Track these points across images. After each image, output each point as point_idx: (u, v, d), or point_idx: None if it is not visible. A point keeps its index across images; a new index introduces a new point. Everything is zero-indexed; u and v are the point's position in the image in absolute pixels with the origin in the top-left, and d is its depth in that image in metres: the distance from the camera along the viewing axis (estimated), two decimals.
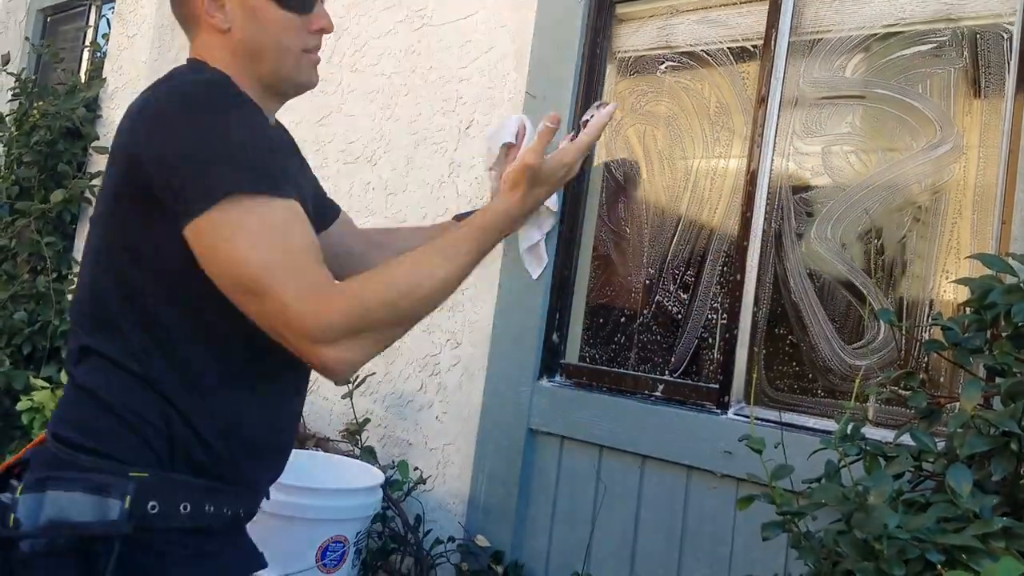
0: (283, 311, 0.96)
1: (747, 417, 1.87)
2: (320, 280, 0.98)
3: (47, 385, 2.65)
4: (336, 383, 1.09)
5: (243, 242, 0.96)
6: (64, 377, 2.51)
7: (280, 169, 1.04)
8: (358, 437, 2.52)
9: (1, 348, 3.44)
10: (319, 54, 1.19)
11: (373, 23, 2.88)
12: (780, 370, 1.90)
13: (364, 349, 1.00)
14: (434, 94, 2.67)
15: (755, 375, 1.88)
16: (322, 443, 2.68)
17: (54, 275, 3.56)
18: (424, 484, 2.39)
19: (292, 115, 3.10)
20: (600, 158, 2.31)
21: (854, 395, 1.53)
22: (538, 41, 2.38)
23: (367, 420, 2.57)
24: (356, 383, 2.56)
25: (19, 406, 2.58)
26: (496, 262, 2.37)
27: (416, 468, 2.42)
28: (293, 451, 1.25)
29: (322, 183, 1.41)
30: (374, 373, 2.63)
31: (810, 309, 1.88)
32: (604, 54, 2.31)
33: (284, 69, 1.16)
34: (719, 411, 1.93)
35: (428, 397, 2.53)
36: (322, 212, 1.34)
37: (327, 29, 1.20)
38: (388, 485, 2.25)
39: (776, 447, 1.50)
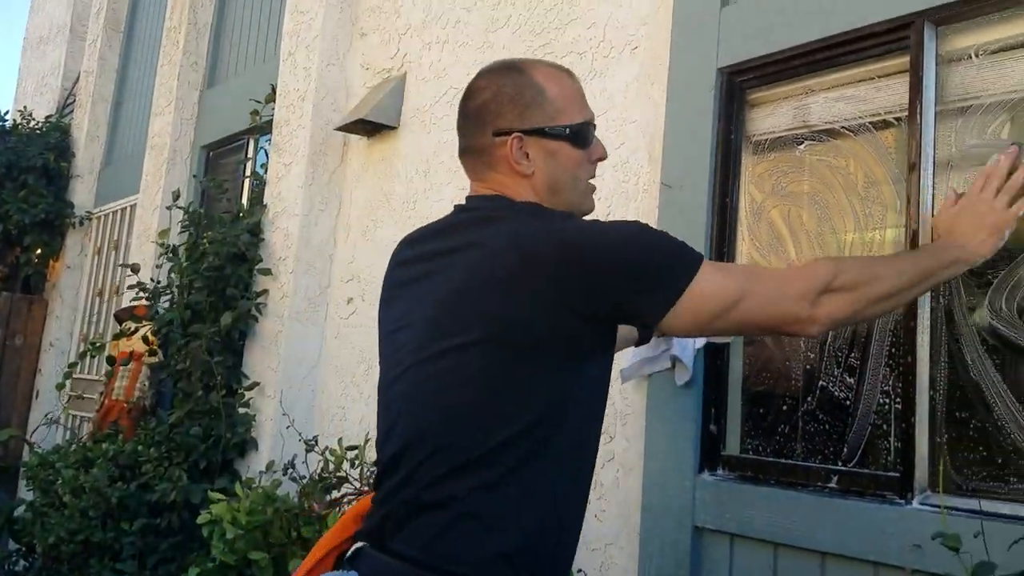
0: (768, 292, 1.26)
1: (934, 507, 1.74)
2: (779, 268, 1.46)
3: (223, 498, 2.79)
4: (818, 334, 1.42)
5: (717, 281, 1.26)
6: (245, 491, 2.60)
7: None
8: None
9: (179, 463, 3.67)
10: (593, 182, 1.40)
11: None
12: (965, 456, 1.77)
13: (840, 305, 1.26)
14: None
15: (941, 463, 1.75)
16: None
17: (224, 391, 3.79)
18: None
19: None
20: (743, 241, 2.28)
21: None
22: (670, 133, 2.40)
23: None
24: None
25: (200, 520, 2.73)
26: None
27: (580, 571, 2.37)
28: None
29: None
30: None
31: (992, 388, 1.75)
32: (739, 139, 2.30)
33: (576, 199, 1.36)
34: (903, 502, 1.80)
35: None
36: None
37: (604, 158, 1.40)
38: None
39: (975, 536, 1.40)
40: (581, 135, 1.34)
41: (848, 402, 1.99)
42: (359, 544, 1.25)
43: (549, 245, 1.21)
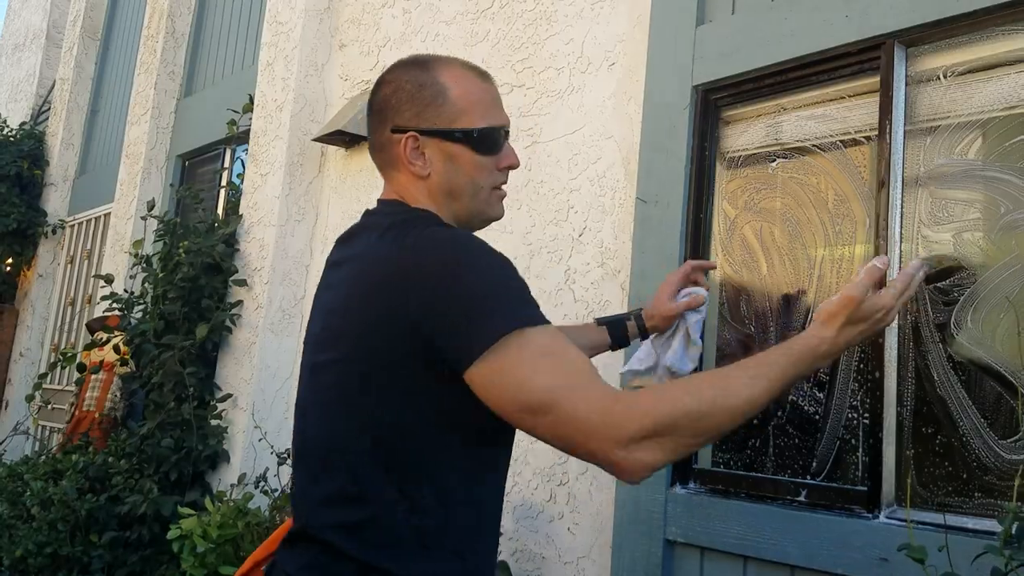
0: (579, 420, 1.04)
1: (900, 521, 1.76)
2: (608, 390, 1.05)
3: (193, 512, 2.76)
4: (630, 483, 1.11)
5: (527, 369, 1.05)
6: (216, 505, 2.59)
7: (532, 297, 1.13)
8: None
9: (149, 475, 3.63)
10: (504, 188, 1.32)
11: None
12: (931, 471, 1.79)
13: (663, 452, 1.05)
14: (546, 206, 2.74)
15: (908, 478, 1.78)
16: None
17: (196, 403, 3.76)
18: None
19: None
20: (716, 255, 2.30)
21: (1015, 494, 1.42)
22: (645, 149, 2.43)
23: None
24: None
25: (170, 535, 2.70)
26: (619, 362, 2.36)
27: None
28: None
29: None
30: None
31: (958, 403, 1.78)
32: (712, 156, 2.33)
33: (477, 205, 1.28)
34: (870, 515, 1.82)
35: (558, 508, 2.50)
36: None
37: (514, 165, 1.31)
38: None
39: (940, 550, 1.42)
40: (485, 140, 1.26)
41: (817, 417, 2.01)
42: (275, 559, 1.27)
43: (394, 263, 1.13)
